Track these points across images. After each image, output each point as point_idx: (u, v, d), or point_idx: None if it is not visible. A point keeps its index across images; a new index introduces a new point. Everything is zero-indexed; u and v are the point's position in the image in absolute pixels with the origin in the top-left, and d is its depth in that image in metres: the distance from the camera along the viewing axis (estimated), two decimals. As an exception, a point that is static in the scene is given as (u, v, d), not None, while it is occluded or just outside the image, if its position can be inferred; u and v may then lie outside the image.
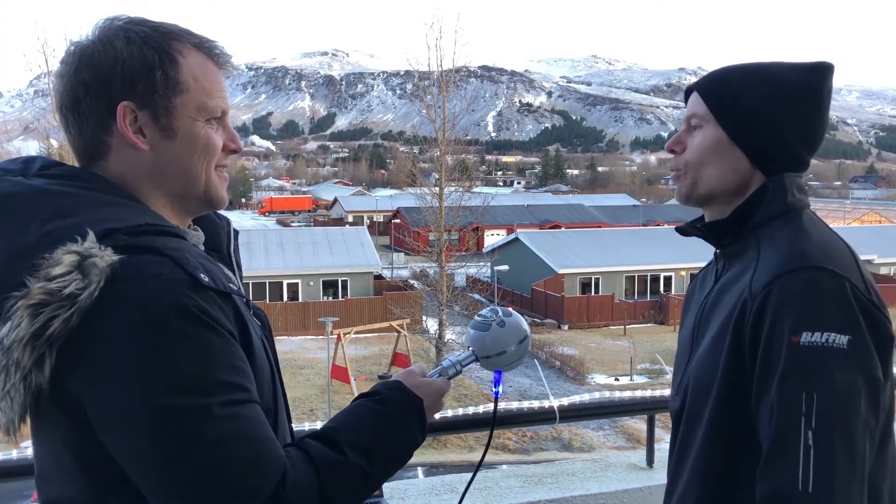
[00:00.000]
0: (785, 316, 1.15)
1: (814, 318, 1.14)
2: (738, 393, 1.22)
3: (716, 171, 1.37)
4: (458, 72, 27.61)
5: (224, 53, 1.18)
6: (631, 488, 2.80)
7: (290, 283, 31.53)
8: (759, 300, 1.19)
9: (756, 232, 1.33)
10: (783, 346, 1.14)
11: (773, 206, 1.32)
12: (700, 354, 1.34)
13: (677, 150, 1.43)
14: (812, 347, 1.13)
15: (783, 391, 1.13)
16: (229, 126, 1.19)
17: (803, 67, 1.35)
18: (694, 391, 1.33)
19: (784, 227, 1.30)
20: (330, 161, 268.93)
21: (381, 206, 70.19)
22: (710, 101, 1.37)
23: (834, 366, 1.12)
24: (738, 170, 1.35)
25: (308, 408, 20.22)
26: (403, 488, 2.75)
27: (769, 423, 1.15)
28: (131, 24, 1.10)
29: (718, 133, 1.36)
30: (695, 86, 1.42)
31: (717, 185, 1.37)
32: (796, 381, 1.13)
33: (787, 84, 1.33)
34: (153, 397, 0.93)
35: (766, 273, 1.21)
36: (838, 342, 1.13)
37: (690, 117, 1.41)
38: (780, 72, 1.35)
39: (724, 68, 1.41)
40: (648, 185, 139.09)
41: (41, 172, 1.09)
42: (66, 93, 1.09)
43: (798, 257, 1.21)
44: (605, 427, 19.20)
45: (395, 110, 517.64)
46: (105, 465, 0.98)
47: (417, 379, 1.27)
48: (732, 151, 1.35)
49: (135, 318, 0.94)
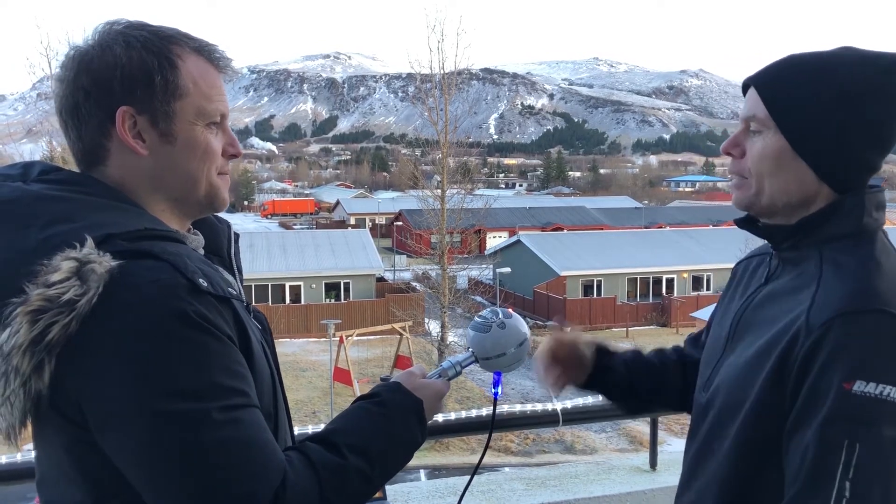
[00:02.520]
0: (840, 359, 1.09)
1: (871, 368, 1.08)
2: (772, 418, 1.17)
3: (778, 183, 1.24)
4: (459, 74, 27.65)
5: (224, 57, 1.17)
6: (634, 491, 2.80)
7: (293, 285, 31.56)
8: (815, 336, 1.11)
9: (820, 248, 1.23)
10: (832, 389, 1.08)
11: (846, 225, 1.22)
12: (736, 363, 1.28)
13: (735, 153, 1.30)
14: (864, 397, 1.07)
15: (825, 435, 1.08)
16: (229, 130, 1.18)
17: (880, 63, 1.19)
18: (724, 401, 1.28)
19: (853, 252, 1.20)
20: (332, 164, 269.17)
21: (383, 209, 70.19)
22: (771, 105, 1.23)
23: (884, 419, 1.07)
24: (803, 182, 1.23)
25: (311, 410, 20.23)
26: (406, 491, 2.75)
27: (801, 462, 1.10)
28: (131, 28, 1.10)
29: (780, 142, 1.22)
30: (752, 79, 1.28)
31: (780, 197, 1.25)
32: (841, 427, 1.07)
33: (854, 84, 1.19)
34: (152, 402, 0.93)
35: (827, 308, 1.13)
36: (893, 395, 1.07)
37: (749, 119, 1.27)
38: (847, 68, 1.20)
39: (786, 59, 1.27)
40: (650, 187, 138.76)
41: (40, 178, 1.09)
42: (65, 98, 1.09)
43: (864, 296, 1.12)
44: (608, 430, 19.18)
45: (397, 113, 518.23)
46: (105, 469, 0.98)
47: (417, 380, 1.27)
48: (796, 163, 1.22)
49: (133, 323, 0.95)
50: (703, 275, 33.73)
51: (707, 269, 33.24)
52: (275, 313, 28.04)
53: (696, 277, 33.89)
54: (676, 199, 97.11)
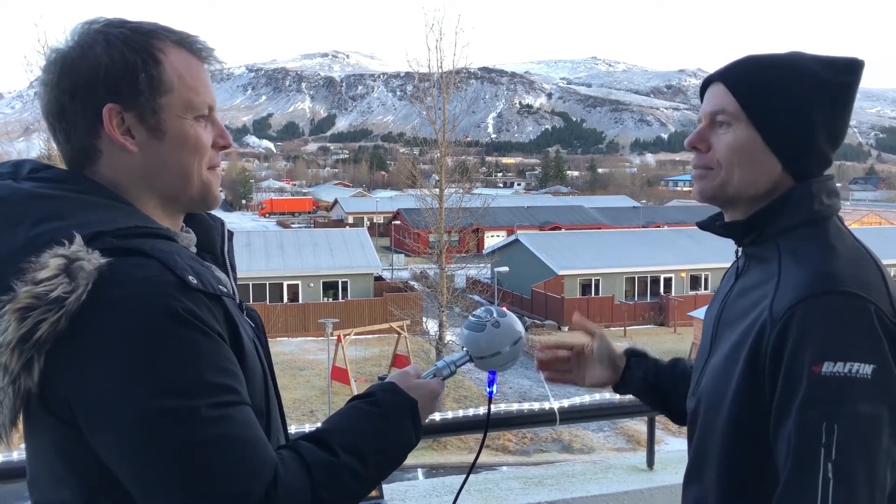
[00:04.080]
0: (807, 344, 1.11)
1: (837, 348, 1.09)
2: (752, 411, 1.19)
3: (748, 174, 1.29)
4: (458, 73, 27.66)
5: (206, 48, 1.16)
6: (631, 490, 2.80)
7: (291, 284, 31.54)
8: (780, 324, 1.14)
9: (777, 240, 1.28)
10: (804, 375, 1.10)
11: (797, 215, 1.26)
12: (716, 362, 1.30)
13: (701, 147, 1.34)
14: (834, 377, 1.08)
15: (803, 421, 1.10)
16: (218, 122, 1.18)
17: (839, 65, 1.27)
18: (708, 401, 1.30)
19: (808, 239, 1.24)
20: (330, 162, 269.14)
21: (381, 208, 70.24)
22: (742, 98, 1.28)
23: (857, 397, 1.08)
24: (770, 174, 1.28)
25: (308, 409, 20.23)
26: (404, 490, 2.74)
27: (787, 451, 1.11)
28: (110, 26, 1.09)
29: (752, 135, 1.27)
30: (719, 76, 1.32)
31: (747, 188, 1.30)
32: (817, 411, 1.09)
33: (823, 84, 1.25)
34: (142, 400, 0.93)
35: (789, 295, 1.16)
36: (862, 372, 1.08)
37: (716, 113, 1.31)
38: (814, 69, 1.26)
39: (751, 59, 1.31)
40: (648, 186, 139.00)
41: (30, 176, 1.08)
42: (50, 102, 1.08)
43: (823, 279, 1.15)
44: (606, 429, 19.20)
45: (395, 112, 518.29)
46: (96, 467, 0.97)
47: (412, 380, 1.26)
48: (766, 155, 1.27)
49: (122, 320, 0.94)
50: (701, 274, 33.76)
51: (705, 268, 33.27)
52: (272, 312, 28.05)
53: (693, 277, 33.94)
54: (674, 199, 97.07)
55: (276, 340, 26.86)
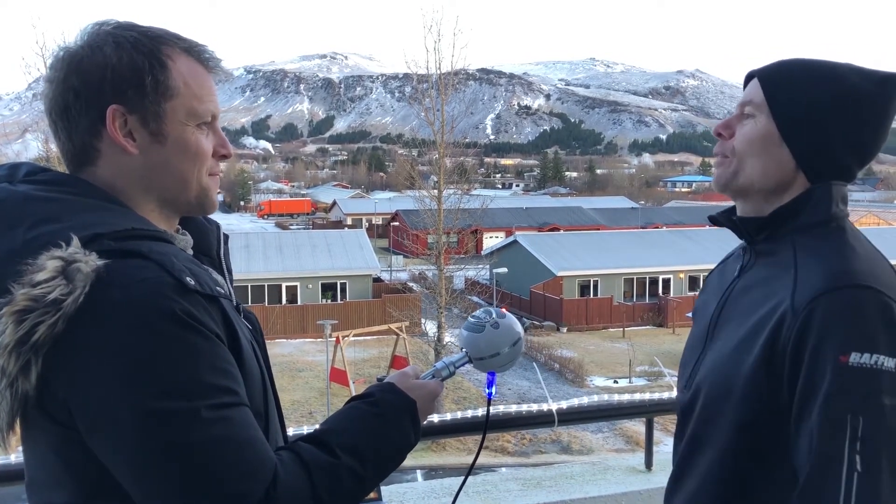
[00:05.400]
0: (832, 335, 1.11)
1: (863, 339, 1.10)
2: (766, 405, 1.19)
3: (760, 164, 1.31)
4: (456, 74, 27.60)
5: (213, 57, 1.17)
6: (630, 491, 2.81)
7: (289, 285, 31.54)
8: (802, 316, 1.14)
9: (793, 237, 1.28)
10: (828, 366, 1.10)
11: (817, 214, 1.28)
12: (718, 357, 1.30)
13: (725, 134, 1.37)
14: (861, 368, 1.09)
15: (828, 412, 1.09)
16: (220, 131, 1.18)
17: (875, 76, 1.28)
18: (711, 391, 1.29)
19: (826, 238, 1.25)
20: (329, 164, 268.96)
21: (379, 209, 70.20)
22: (768, 92, 1.31)
23: (883, 389, 1.08)
24: (782, 168, 1.30)
25: (307, 410, 20.22)
26: (402, 492, 2.74)
27: (809, 443, 1.11)
28: (120, 28, 1.10)
29: (770, 126, 1.30)
30: (757, 71, 1.36)
31: (758, 179, 1.32)
32: (843, 402, 1.09)
33: (851, 89, 1.26)
34: (140, 402, 0.92)
35: (811, 288, 1.17)
36: (887, 365, 1.09)
37: (745, 104, 1.35)
38: (846, 75, 1.28)
39: (791, 60, 1.35)
40: (647, 187, 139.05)
41: (27, 178, 1.08)
42: (55, 98, 1.09)
43: (844, 274, 1.16)
44: (604, 430, 19.20)
45: (393, 113, 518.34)
46: (94, 470, 0.97)
47: (410, 381, 1.26)
48: (780, 148, 1.30)
49: (120, 322, 0.94)
50: (700, 275, 33.75)
51: (703, 269, 33.23)
52: (271, 314, 28.03)
53: (692, 277, 33.95)
54: (673, 200, 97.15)
55: (275, 342, 26.86)
